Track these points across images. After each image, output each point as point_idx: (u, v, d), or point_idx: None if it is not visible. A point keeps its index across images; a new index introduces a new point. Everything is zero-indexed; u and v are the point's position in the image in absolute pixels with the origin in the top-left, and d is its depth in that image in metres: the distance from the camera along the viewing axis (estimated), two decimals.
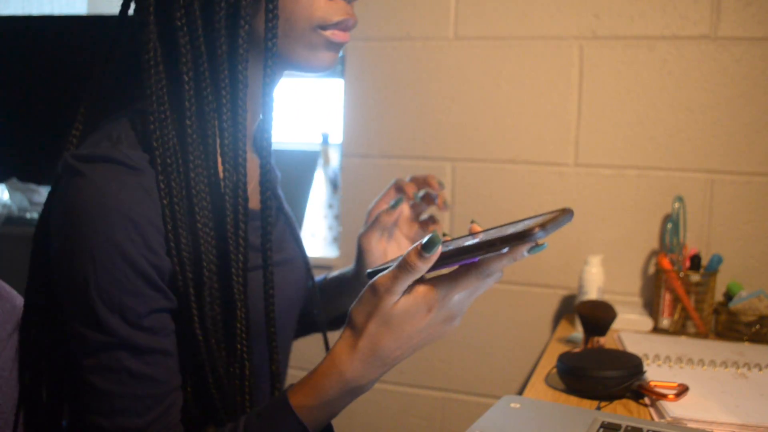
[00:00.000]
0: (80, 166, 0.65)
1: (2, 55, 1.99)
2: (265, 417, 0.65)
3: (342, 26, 0.71)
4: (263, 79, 0.68)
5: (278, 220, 0.87)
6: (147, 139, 0.67)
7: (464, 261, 0.60)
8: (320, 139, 1.76)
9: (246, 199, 0.69)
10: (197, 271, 0.67)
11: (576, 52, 1.44)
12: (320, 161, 1.76)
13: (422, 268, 0.58)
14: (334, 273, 1.02)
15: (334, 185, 1.74)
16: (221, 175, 0.69)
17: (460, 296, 0.61)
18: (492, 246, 0.57)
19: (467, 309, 0.64)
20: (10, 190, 1.93)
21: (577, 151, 1.46)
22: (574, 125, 1.46)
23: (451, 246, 0.60)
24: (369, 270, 0.73)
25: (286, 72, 0.77)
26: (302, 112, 1.91)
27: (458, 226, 1.54)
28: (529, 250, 0.58)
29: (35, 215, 1.90)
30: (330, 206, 1.74)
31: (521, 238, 0.55)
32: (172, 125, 0.67)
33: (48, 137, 1.98)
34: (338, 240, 1.65)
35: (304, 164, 1.81)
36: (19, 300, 0.84)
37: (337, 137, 1.70)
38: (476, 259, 0.59)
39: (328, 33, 0.70)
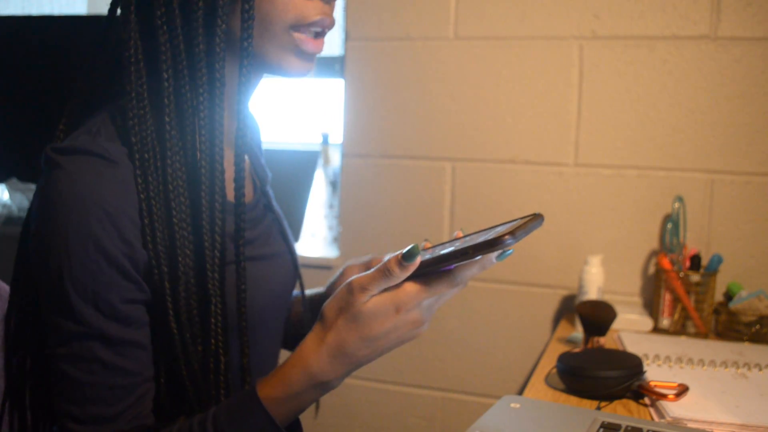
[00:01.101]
0: (58, 158, 0.66)
1: (2, 55, 1.99)
2: (233, 408, 0.65)
3: (317, 26, 0.71)
4: (239, 78, 0.69)
5: (266, 217, 0.87)
6: (125, 134, 0.68)
7: (441, 269, 0.61)
8: (320, 139, 1.76)
9: (223, 194, 0.70)
10: (173, 264, 0.68)
11: (576, 52, 1.44)
12: (320, 161, 1.76)
13: (400, 275, 0.60)
14: (308, 292, 1.00)
15: (334, 185, 1.74)
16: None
17: (429, 301, 0.63)
18: (465, 254, 0.58)
19: (434, 314, 0.65)
20: (10, 190, 1.93)
21: (577, 151, 1.46)
22: (574, 125, 1.46)
23: (428, 255, 0.62)
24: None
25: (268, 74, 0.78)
26: (302, 112, 1.91)
27: (458, 227, 1.54)
28: (498, 257, 0.61)
29: None
30: (330, 206, 1.74)
31: (492, 245, 0.57)
32: (151, 121, 0.68)
33: (48, 137, 1.98)
34: (338, 240, 1.65)
35: (304, 164, 1.81)
36: (5, 290, 0.85)
37: (337, 137, 1.70)
38: (452, 266, 0.61)
39: (299, 36, 0.70)
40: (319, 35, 0.72)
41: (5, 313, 0.77)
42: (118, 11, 0.72)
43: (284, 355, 0.77)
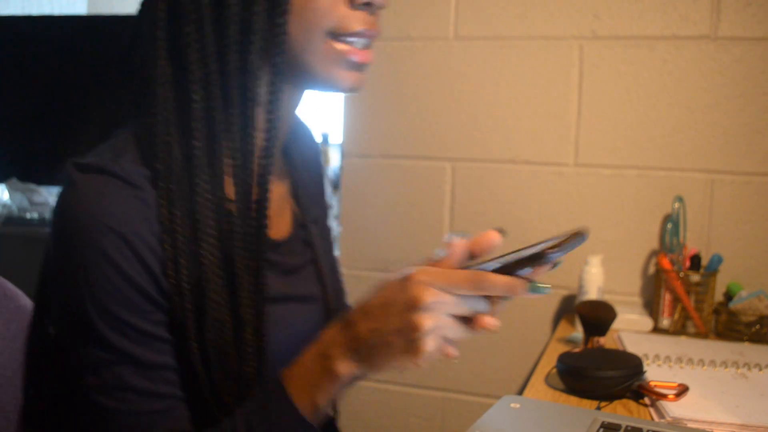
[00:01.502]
0: (75, 175, 0.63)
1: (2, 55, 1.99)
2: (263, 409, 0.63)
3: (361, 36, 0.68)
4: (269, 96, 0.66)
5: (303, 254, 0.81)
6: (151, 157, 0.65)
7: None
8: (320, 139, 1.76)
9: (261, 226, 0.66)
10: (199, 297, 0.65)
11: (576, 52, 1.44)
12: None
13: (468, 294, 0.59)
14: None
15: (334, 185, 1.74)
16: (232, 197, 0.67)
17: (442, 304, 0.58)
18: (511, 269, 0.58)
19: (441, 341, 0.61)
20: (10, 190, 1.93)
21: (577, 151, 1.46)
22: (574, 125, 1.46)
23: (473, 267, 0.61)
24: None
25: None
26: (302, 112, 1.91)
27: (458, 227, 1.54)
28: (531, 289, 0.58)
29: (35, 215, 1.90)
30: (330, 206, 1.75)
31: (537, 258, 0.57)
32: (179, 148, 0.65)
33: (48, 137, 1.98)
34: (338, 240, 1.65)
35: None
36: (24, 300, 0.84)
37: (337, 137, 1.70)
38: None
39: (342, 47, 0.67)
40: (366, 46, 0.69)
41: (26, 325, 0.74)
42: (144, 27, 0.69)
43: None
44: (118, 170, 0.63)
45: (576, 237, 0.59)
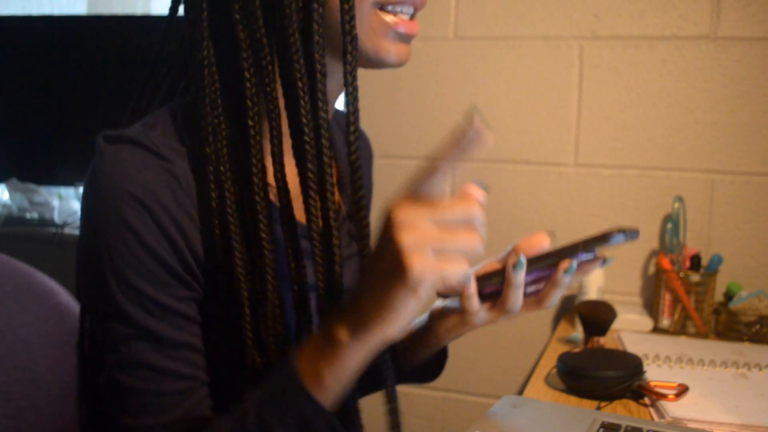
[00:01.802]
0: (104, 146, 0.62)
1: (2, 55, 1.99)
2: (275, 395, 0.58)
3: (408, 4, 0.66)
4: (344, 67, 0.61)
5: (349, 246, 0.78)
6: (193, 137, 0.64)
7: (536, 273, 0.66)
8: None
9: (327, 207, 0.63)
10: (252, 281, 0.63)
11: (576, 52, 1.44)
12: None
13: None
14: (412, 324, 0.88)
15: None
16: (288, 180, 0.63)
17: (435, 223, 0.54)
18: (573, 251, 0.63)
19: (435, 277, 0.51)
20: (10, 190, 1.93)
21: (577, 151, 1.46)
22: (574, 125, 1.46)
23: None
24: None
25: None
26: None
27: None
28: (566, 271, 0.64)
29: (35, 215, 1.90)
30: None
31: (602, 240, 0.62)
32: (227, 130, 0.63)
33: (48, 137, 1.98)
34: None
35: None
36: (64, 297, 0.81)
37: None
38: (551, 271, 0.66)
39: (390, 18, 0.65)
40: (412, 16, 0.67)
41: (77, 337, 0.72)
42: (180, 10, 0.67)
43: None
44: (146, 141, 0.61)
45: (633, 231, 0.63)
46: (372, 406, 0.86)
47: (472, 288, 0.68)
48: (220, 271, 0.63)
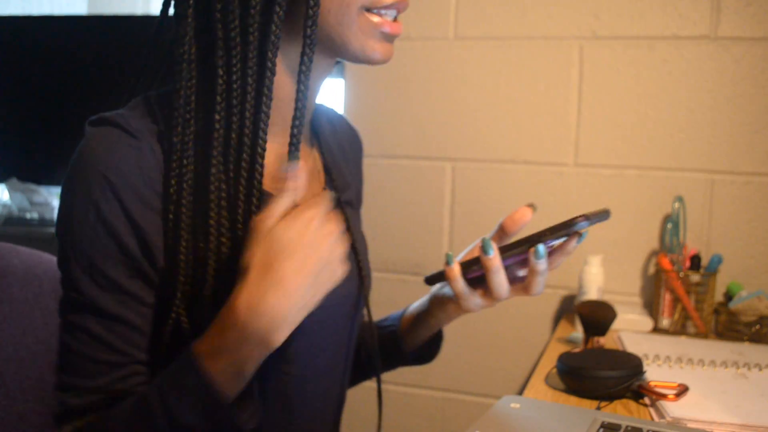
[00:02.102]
0: (87, 129, 0.66)
1: (2, 55, 1.99)
2: (173, 372, 0.62)
3: (393, 8, 0.70)
4: (299, 67, 0.66)
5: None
6: (159, 117, 0.67)
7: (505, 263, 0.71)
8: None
9: (259, 190, 0.66)
10: (200, 267, 0.65)
11: (576, 52, 1.44)
12: None
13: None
14: (411, 307, 0.93)
15: None
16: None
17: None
18: (542, 237, 0.69)
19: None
20: (10, 190, 1.93)
21: (577, 151, 1.46)
22: (574, 125, 1.46)
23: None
24: (426, 276, 0.78)
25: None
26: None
27: (458, 226, 1.54)
28: (535, 256, 0.71)
29: (35, 215, 1.90)
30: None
31: (567, 226, 0.68)
32: (195, 125, 0.66)
33: (48, 137, 1.98)
34: None
35: None
36: None
37: None
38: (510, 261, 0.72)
39: (376, 20, 0.69)
40: (396, 18, 0.72)
41: None
42: (171, 10, 0.70)
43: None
44: (121, 121, 0.65)
45: (602, 212, 0.67)
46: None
47: (456, 272, 0.73)
48: (168, 256, 0.66)
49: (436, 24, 1.52)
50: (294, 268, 0.59)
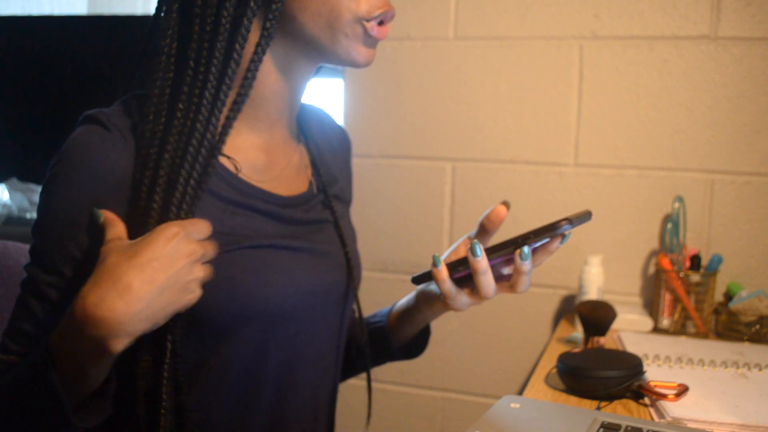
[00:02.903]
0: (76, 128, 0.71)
1: (2, 55, 1.99)
2: (28, 363, 0.65)
3: (382, 17, 0.73)
4: (252, 56, 0.71)
5: (317, 214, 0.83)
6: (137, 110, 0.71)
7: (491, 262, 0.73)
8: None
9: (202, 173, 0.69)
10: None
11: (576, 52, 1.44)
12: None
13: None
14: (399, 303, 0.95)
15: None
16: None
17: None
18: (527, 239, 0.70)
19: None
20: (10, 190, 1.93)
21: (577, 151, 1.46)
22: (574, 125, 1.46)
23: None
24: (413, 276, 0.79)
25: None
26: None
27: (458, 226, 1.54)
28: (521, 257, 0.72)
29: (35, 215, 1.90)
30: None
31: (551, 229, 0.69)
32: (165, 116, 0.69)
33: (48, 137, 1.98)
34: None
35: None
36: None
37: None
38: (498, 260, 0.73)
39: (368, 25, 0.72)
40: (383, 23, 0.75)
41: None
42: (162, 6, 0.73)
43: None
44: (101, 117, 0.69)
45: (584, 214, 0.69)
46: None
47: (444, 274, 0.74)
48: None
49: (436, 24, 1.52)
50: (143, 278, 0.60)
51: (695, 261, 1.32)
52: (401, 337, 0.93)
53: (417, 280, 0.79)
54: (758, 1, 1.33)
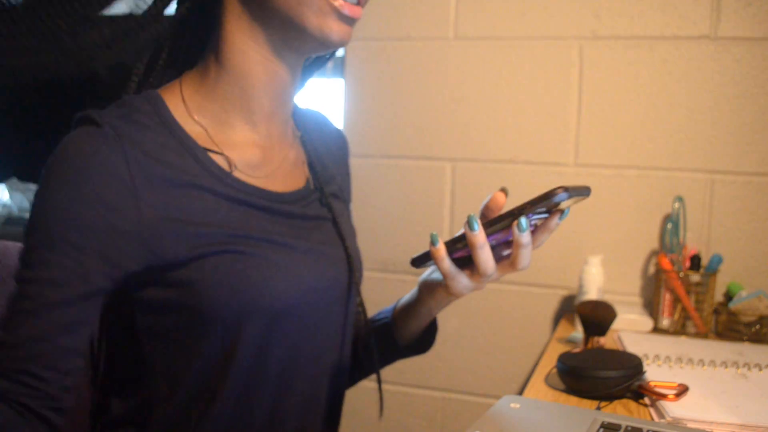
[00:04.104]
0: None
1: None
2: None
3: None
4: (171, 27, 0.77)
5: (313, 210, 0.83)
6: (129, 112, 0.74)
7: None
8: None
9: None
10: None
11: (576, 52, 1.44)
12: None
13: None
14: (402, 299, 0.94)
15: None
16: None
17: None
18: (524, 210, 0.69)
19: None
20: (10, 190, 1.93)
21: (577, 151, 1.46)
22: (574, 125, 1.46)
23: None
24: (413, 257, 0.78)
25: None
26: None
27: (458, 226, 1.54)
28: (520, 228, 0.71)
29: None
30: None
31: (546, 198, 0.67)
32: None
33: (48, 137, 1.98)
34: None
35: None
36: None
37: None
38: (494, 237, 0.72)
39: (336, 4, 0.71)
40: (357, 2, 0.73)
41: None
42: (162, 6, 0.80)
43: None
44: (96, 117, 0.70)
45: (582, 188, 0.67)
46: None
47: (442, 251, 0.73)
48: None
49: (436, 24, 1.52)
50: None
51: (695, 261, 1.32)
52: (408, 333, 0.92)
53: (416, 262, 0.78)
54: (758, 1, 1.33)
